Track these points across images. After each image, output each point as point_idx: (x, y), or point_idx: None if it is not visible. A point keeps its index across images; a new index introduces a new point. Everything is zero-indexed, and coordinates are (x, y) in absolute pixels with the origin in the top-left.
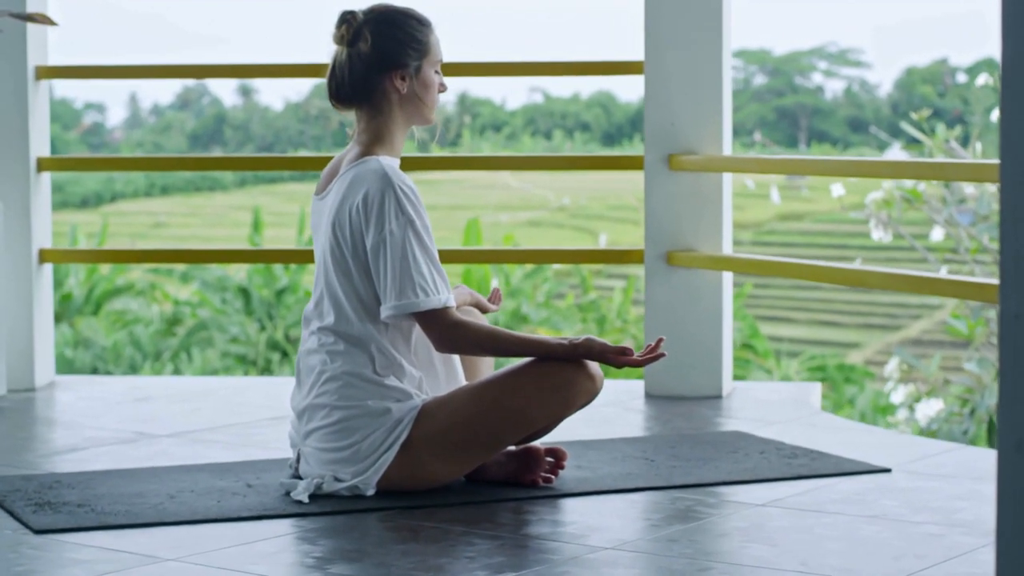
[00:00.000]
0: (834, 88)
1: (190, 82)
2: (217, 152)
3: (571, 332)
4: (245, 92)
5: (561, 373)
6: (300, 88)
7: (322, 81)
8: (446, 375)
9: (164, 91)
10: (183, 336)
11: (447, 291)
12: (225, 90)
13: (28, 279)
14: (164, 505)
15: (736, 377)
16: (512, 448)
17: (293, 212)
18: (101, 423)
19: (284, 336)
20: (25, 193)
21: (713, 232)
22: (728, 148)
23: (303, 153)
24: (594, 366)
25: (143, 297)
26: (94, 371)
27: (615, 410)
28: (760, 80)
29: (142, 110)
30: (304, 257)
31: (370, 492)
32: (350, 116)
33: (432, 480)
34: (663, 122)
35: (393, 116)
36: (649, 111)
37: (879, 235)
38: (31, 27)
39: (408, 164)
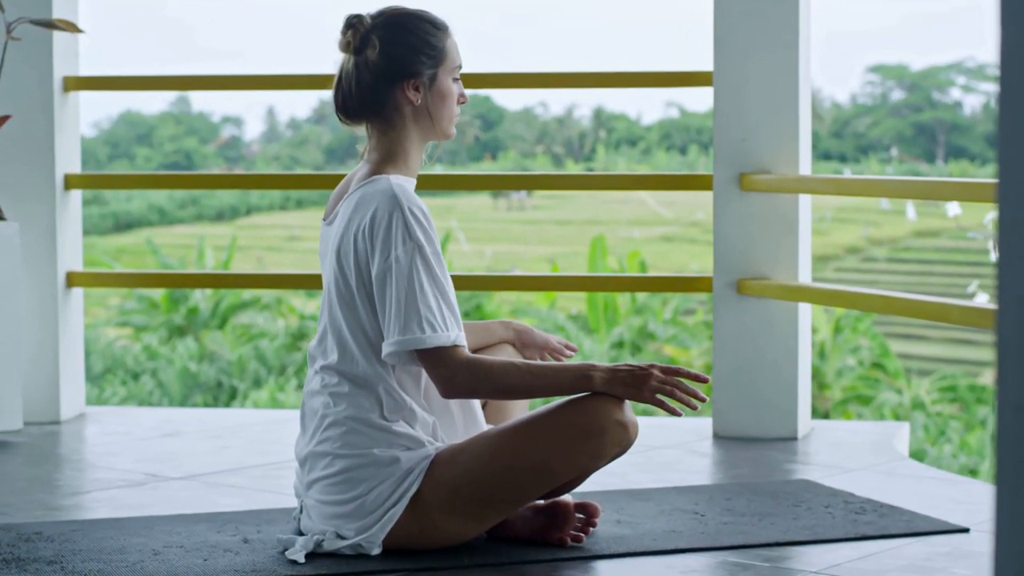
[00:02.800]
0: (973, 103)
1: (326, 95)
2: (352, 165)
3: (697, 350)
4: None
5: (589, 420)
6: None
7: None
8: (464, 420)
9: (301, 105)
10: None
11: (457, 328)
12: None
13: (53, 304)
14: (144, 563)
15: (864, 397)
16: (540, 502)
17: None
18: (115, 462)
19: None
20: (50, 212)
21: (788, 259)
22: (806, 167)
23: (438, 169)
24: (627, 412)
25: (269, 311)
26: (219, 385)
27: (677, 453)
28: (898, 95)
29: (279, 124)
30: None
31: (375, 551)
32: (361, 132)
33: (445, 538)
34: (733, 138)
35: (406, 131)
36: (719, 126)
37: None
38: (58, 36)
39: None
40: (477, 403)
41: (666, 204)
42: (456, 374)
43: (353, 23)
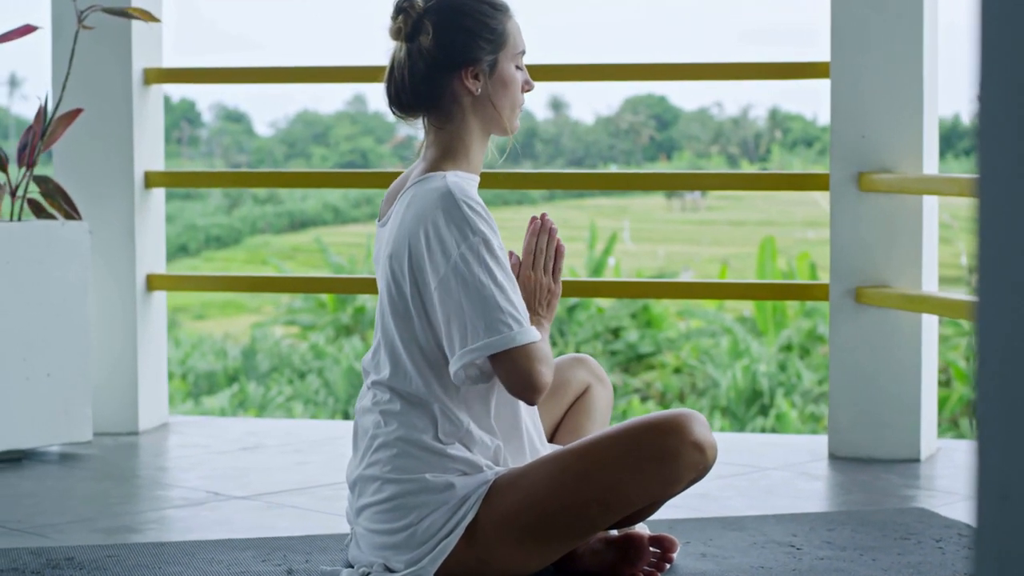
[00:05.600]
0: None
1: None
2: (527, 166)
3: None
4: (556, 106)
5: (662, 441)
6: (611, 102)
7: (637, 93)
8: (531, 445)
9: None
10: None
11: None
12: (537, 104)
13: (132, 309)
14: None
15: None
16: (613, 532)
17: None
18: (181, 479)
19: (575, 352)
20: (129, 212)
21: (910, 265)
22: (932, 166)
23: (612, 168)
24: (703, 433)
25: None
26: None
27: (786, 474)
28: None
29: None
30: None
31: None
32: (417, 127)
33: (504, 572)
34: (852, 134)
35: (466, 123)
36: (836, 121)
37: None
38: (138, 26)
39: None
40: (538, 421)
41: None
42: (547, 369)
43: (404, 7)
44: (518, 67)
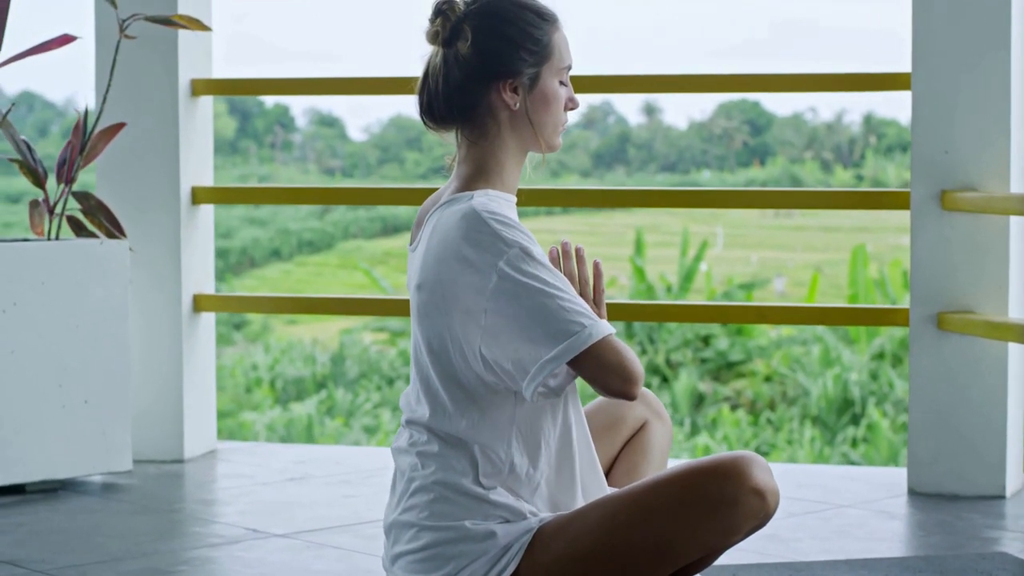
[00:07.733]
0: None
1: (595, 99)
2: (620, 171)
3: None
4: (649, 111)
5: (718, 488)
6: (704, 107)
7: (731, 98)
8: (583, 479)
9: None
10: None
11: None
12: (630, 109)
13: (178, 331)
14: None
15: None
16: None
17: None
18: (220, 513)
19: (665, 360)
20: (175, 229)
21: (996, 290)
22: (1020, 184)
23: (705, 174)
24: (764, 477)
25: None
26: None
27: (862, 512)
28: None
29: None
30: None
31: None
32: (450, 139)
33: None
34: (935, 150)
35: (501, 139)
36: (917, 135)
37: None
38: (186, 35)
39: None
40: (594, 456)
41: None
42: (633, 356)
43: (443, 9)
44: (562, 83)
